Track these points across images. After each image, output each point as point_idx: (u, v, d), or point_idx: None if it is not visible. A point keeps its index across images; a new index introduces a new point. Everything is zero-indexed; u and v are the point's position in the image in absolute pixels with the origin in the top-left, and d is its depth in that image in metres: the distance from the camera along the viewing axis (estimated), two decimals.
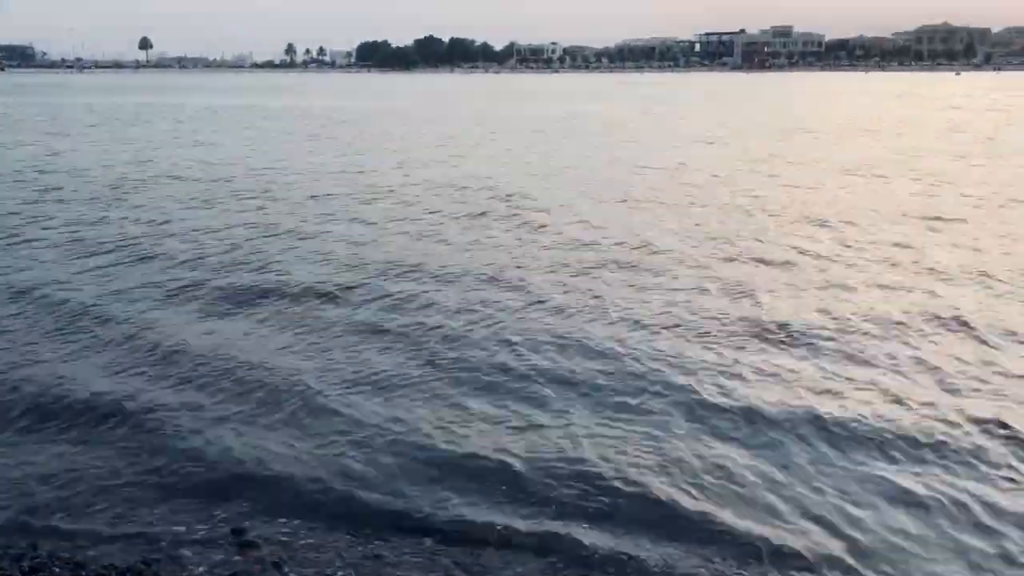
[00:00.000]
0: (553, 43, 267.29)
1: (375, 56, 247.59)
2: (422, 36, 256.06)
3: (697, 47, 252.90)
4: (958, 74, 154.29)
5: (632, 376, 7.60)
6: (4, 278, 11.05)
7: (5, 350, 8.33)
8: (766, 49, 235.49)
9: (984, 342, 8.53)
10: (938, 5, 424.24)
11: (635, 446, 6.24)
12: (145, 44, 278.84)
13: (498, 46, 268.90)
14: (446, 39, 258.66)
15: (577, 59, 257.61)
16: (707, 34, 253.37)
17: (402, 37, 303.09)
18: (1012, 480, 5.77)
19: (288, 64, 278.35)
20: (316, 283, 10.74)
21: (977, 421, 6.62)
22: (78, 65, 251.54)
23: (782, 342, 8.56)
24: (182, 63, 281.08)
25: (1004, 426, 6.51)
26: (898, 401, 7.03)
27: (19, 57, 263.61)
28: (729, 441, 6.35)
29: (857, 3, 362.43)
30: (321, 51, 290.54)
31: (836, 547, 5.00)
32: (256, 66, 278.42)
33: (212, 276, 11.20)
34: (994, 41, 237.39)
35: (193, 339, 8.65)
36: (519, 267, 11.75)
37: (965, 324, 9.02)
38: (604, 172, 22.65)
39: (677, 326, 9.08)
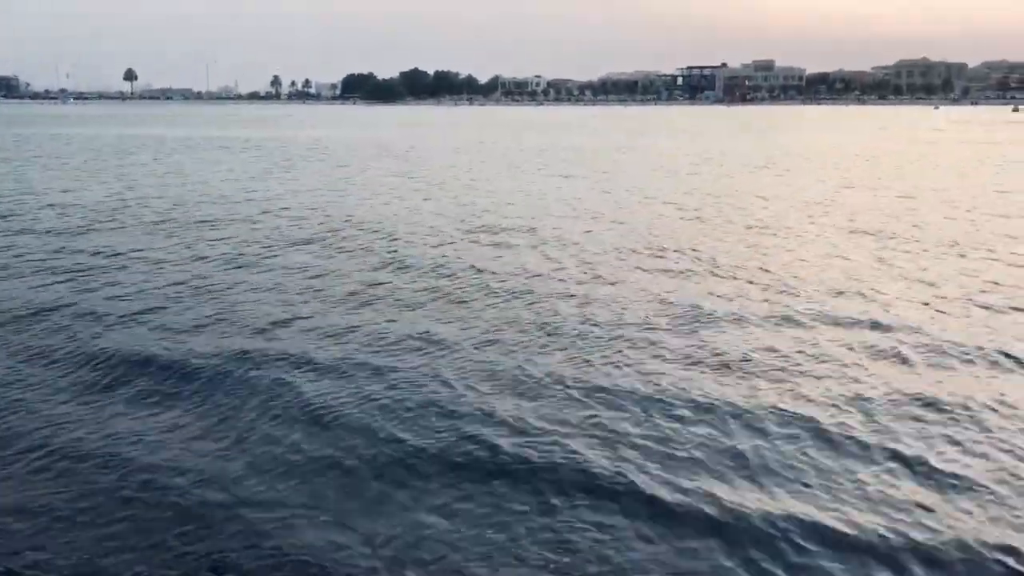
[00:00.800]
0: (537, 76, 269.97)
1: (361, 88, 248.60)
2: (407, 69, 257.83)
3: (679, 81, 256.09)
4: (937, 108, 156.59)
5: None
6: None
7: None
8: (747, 83, 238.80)
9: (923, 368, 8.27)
10: (916, 40, 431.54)
11: None
12: (130, 75, 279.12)
13: (483, 79, 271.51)
14: (431, 72, 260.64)
15: (561, 92, 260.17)
16: (689, 68, 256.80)
17: (388, 70, 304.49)
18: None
19: (274, 96, 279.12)
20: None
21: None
22: (62, 96, 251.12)
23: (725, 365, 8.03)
24: (167, 94, 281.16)
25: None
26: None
27: (3, 88, 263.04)
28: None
29: (837, 38, 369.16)
30: (307, 83, 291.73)
31: None
32: (241, 97, 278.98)
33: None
34: (970, 76, 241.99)
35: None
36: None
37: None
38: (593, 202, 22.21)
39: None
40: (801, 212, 19.72)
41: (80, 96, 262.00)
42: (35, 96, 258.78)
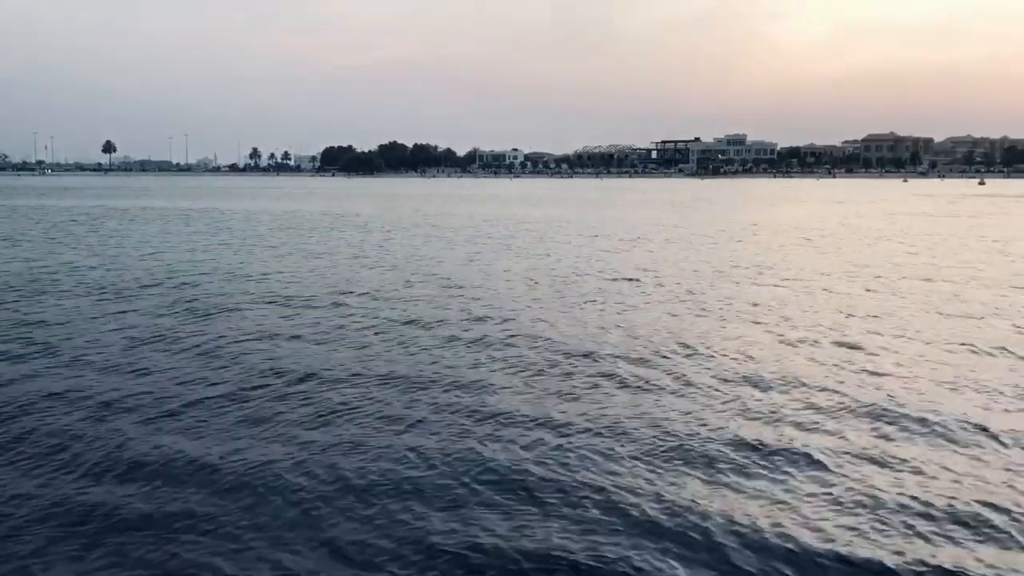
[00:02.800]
0: (514, 149, 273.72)
1: (340, 160, 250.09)
2: (386, 142, 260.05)
3: (654, 154, 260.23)
4: (906, 180, 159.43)
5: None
6: None
7: None
8: (720, 156, 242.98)
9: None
10: (884, 116, 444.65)
11: None
12: (109, 147, 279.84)
13: (461, 151, 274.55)
14: (410, 144, 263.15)
15: (538, 165, 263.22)
16: (663, 142, 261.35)
17: (366, 142, 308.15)
18: None
19: (253, 167, 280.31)
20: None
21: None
22: (40, 168, 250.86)
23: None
24: (145, 166, 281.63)
25: None
26: None
27: None
28: None
29: (807, 114, 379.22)
30: (286, 155, 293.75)
31: None
32: (219, 169, 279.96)
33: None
34: (936, 150, 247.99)
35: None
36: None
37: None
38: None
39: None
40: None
41: (59, 167, 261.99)
42: (13, 167, 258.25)
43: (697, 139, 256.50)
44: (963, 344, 11.92)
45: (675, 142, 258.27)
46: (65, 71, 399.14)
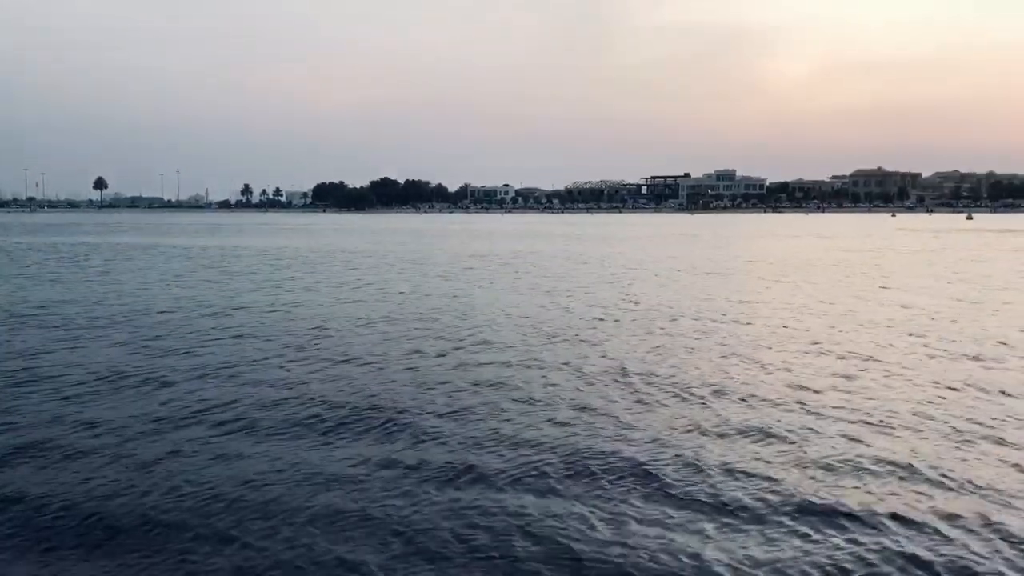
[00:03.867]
0: (505, 185, 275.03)
1: (331, 196, 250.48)
2: (378, 178, 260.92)
3: (644, 189, 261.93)
4: (894, 215, 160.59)
5: None
6: None
7: None
8: (710, 192, 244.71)
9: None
10: (871, 151, 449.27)
11: None
12: (100, 184, 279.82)
13: (453, 187, 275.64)
14: (402, 180, 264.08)
15: (529, 200, 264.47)
16: (653, 177, 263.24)
17: (357, 178, 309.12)
18: None
19: (245, 204, 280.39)
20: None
21: None
22: (31, 205, 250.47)
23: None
24: (137, 203, 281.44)
25: None
26: None
27: None
28: None
29: (795, 149, 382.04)
30: (278, 191, 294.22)
31: None
32: (211, 205, 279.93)
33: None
34: (924, 185, 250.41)
35: None
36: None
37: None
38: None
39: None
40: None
41: (50, 204, 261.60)
42: (4, 204, 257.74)
43: (687, 174, 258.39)
44: None
45: (665, 177, 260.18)
46: (56, 107, 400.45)
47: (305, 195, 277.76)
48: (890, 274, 30.50)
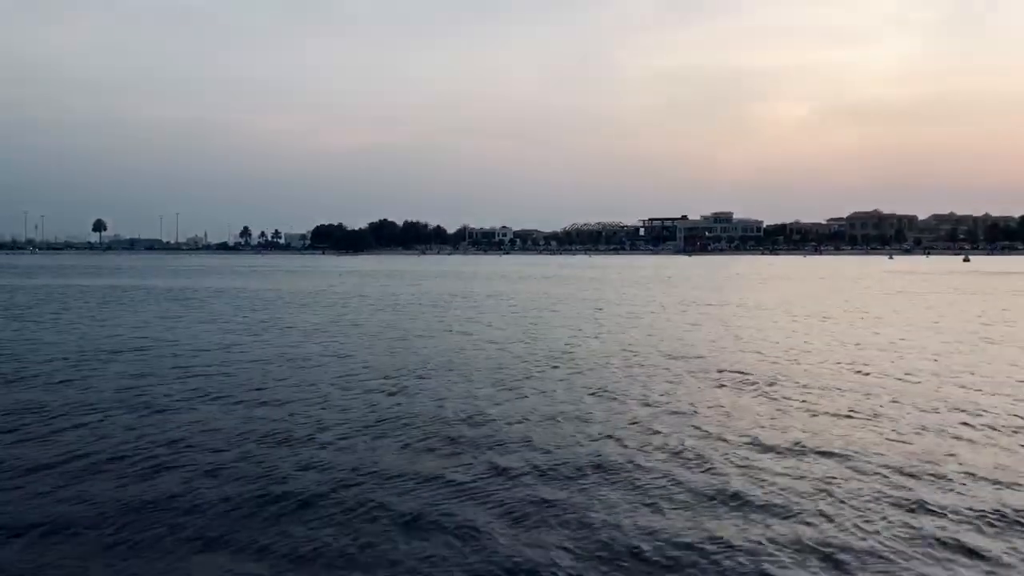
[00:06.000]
0: (504, 226, 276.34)
1: (330, 238, 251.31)
2: (376, 220, 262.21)
3: (642, 231, 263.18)
4: (891, 257, 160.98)
5: None
6: None
7: None
8: (707, 234, 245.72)
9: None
10: (868, 194, 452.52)
11: None
12: (99, 226, 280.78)
13: (451, 229, 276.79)
14: (400, 222, 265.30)
15: (527, 242, 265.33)
16: (651, 219, 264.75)
17: (356, 220, 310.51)
18: None
19: (244, 246, 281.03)
20: None
21: None
22: (30, 247, 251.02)
23: None
24: (135, 244, 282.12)
25: None
26: None
27: None
28: None
29: (792, 191, 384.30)
30: (276, 233, 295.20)
31: None
32: (209, 247, 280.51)
33: None
34: (921, 227, 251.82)
35: None
36: None
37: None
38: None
39: None
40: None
41: (49, 246, 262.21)
42: (3, 246, 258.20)
43: (684, 217, 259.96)
44: None
45: (662, 219, 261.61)
46: (55, 150, 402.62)
47: (304, 237, 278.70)
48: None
